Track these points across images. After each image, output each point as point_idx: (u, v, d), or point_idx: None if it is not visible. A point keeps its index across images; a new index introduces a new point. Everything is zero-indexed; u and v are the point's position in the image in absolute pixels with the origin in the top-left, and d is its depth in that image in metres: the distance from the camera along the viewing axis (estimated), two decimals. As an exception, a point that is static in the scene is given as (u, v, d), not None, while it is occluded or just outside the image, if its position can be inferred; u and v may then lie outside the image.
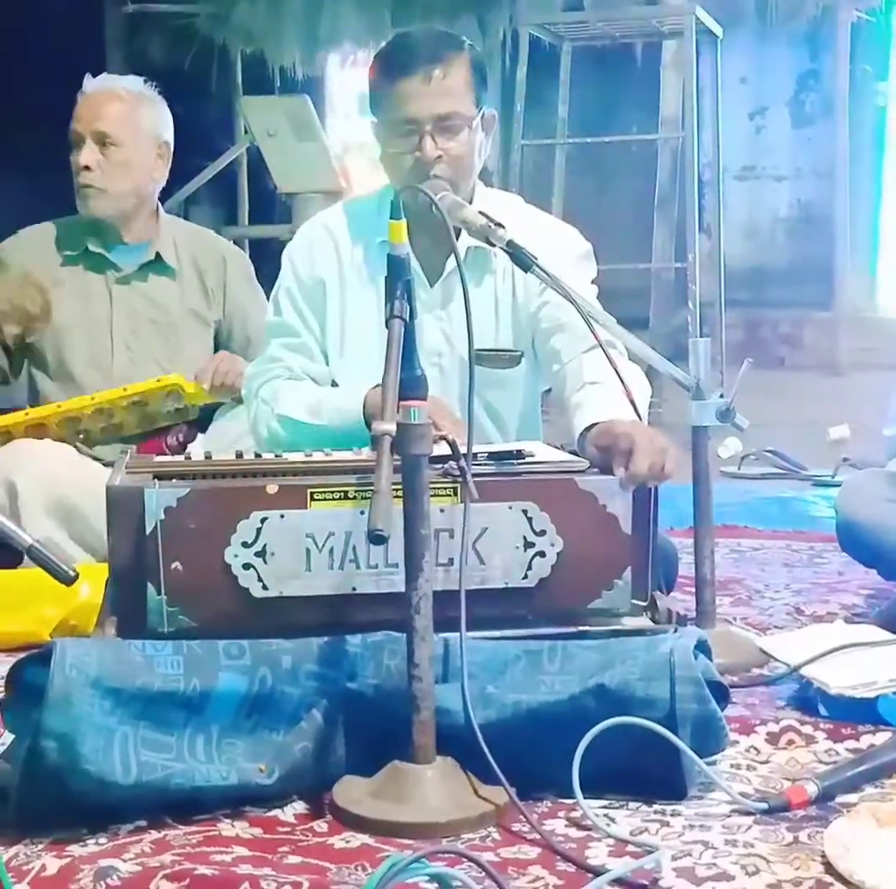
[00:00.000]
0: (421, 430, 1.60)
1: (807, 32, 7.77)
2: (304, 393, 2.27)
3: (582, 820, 1.61)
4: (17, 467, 2.62)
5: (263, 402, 2.29)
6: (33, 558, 1.64)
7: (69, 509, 2.61)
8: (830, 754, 1.82)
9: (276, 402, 2.27)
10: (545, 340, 2.30)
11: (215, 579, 1.69)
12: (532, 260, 2.03)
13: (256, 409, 2.32)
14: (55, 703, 1.53)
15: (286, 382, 2.30)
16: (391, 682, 1.65)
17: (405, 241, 1.68)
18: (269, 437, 2.27)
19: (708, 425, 2.18)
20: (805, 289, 8.07)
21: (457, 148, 2.20)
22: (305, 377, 2.32)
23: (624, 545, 1.80)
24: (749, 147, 8.75)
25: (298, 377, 2.31)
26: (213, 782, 1.60)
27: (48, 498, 2.60)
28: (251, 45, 7.76)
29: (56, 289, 2.88)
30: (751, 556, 3.11)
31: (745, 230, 8.71)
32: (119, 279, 2.91)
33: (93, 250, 2.89)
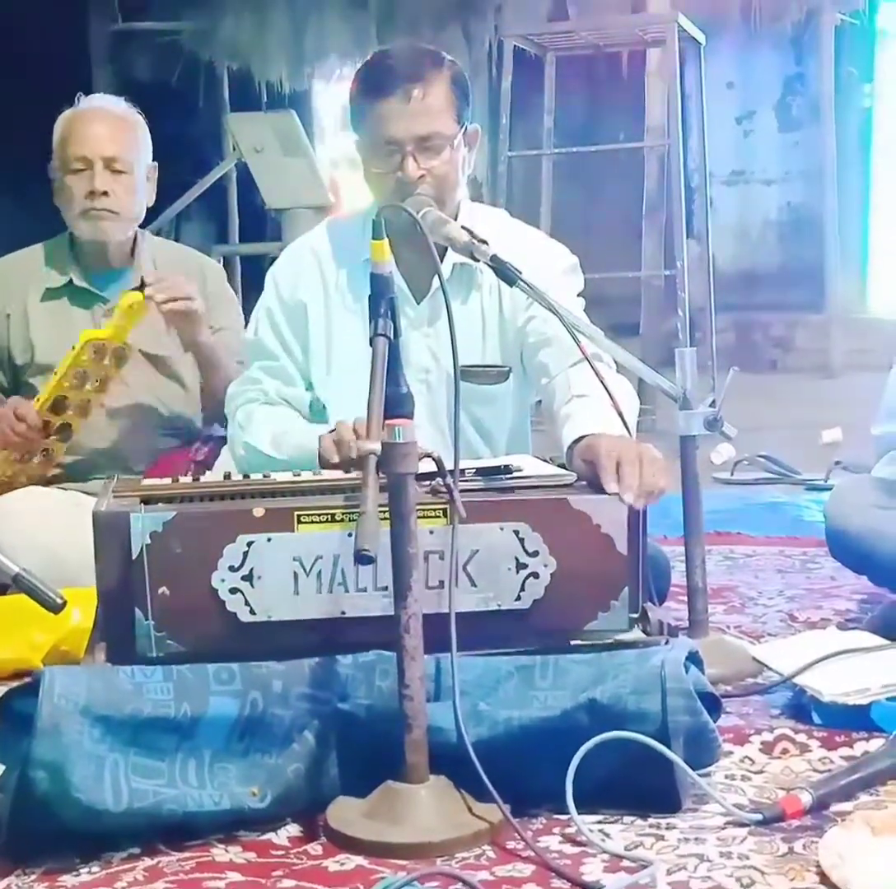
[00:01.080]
0: (406, 449, 1.60)
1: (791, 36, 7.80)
2: (272, 423, 2.27)
3: (576, 836, 1.60)
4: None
5: (239, 425, 2.31)
6: (20, 587, 1.64)
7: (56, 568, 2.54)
8: (825, 762, 1.81)
9: (246, 428, 2.28)
10: (533, 355, 2.30)
11: (203, 604, 1.68)
12: (516, 274, 2.03)
13: (233, 430, 2.34)
14: (44, 732, 1.53)
15: (260, 408, 2.31)
16: (383, 702, 1.65)
17: (388, 259, 1.69)
18: (239, 460, 2.29)
19: (696, 434, 2.18)
20: (796, 291, 8.09)
21: (439, 167, 2.20)
22: (281, 402, 2.33)
23: (620, 565, 1.79)
24: (737, 151, 8.77)
25: (273, 401, 2.32)
26: (206, 807, 1.59)
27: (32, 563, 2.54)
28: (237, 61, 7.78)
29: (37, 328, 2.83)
30: (744, 563, 3.11)
31: (735, 234, 8.73)
32: (107, 312, 2.84)
33: (77, 285, 2.84)
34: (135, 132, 2.82)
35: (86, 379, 2.71)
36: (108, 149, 2.75)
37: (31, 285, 2.86)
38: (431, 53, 2.25)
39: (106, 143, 2.76)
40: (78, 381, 2.70)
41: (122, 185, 2.77)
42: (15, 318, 2.85)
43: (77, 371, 2.69)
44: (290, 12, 7.65)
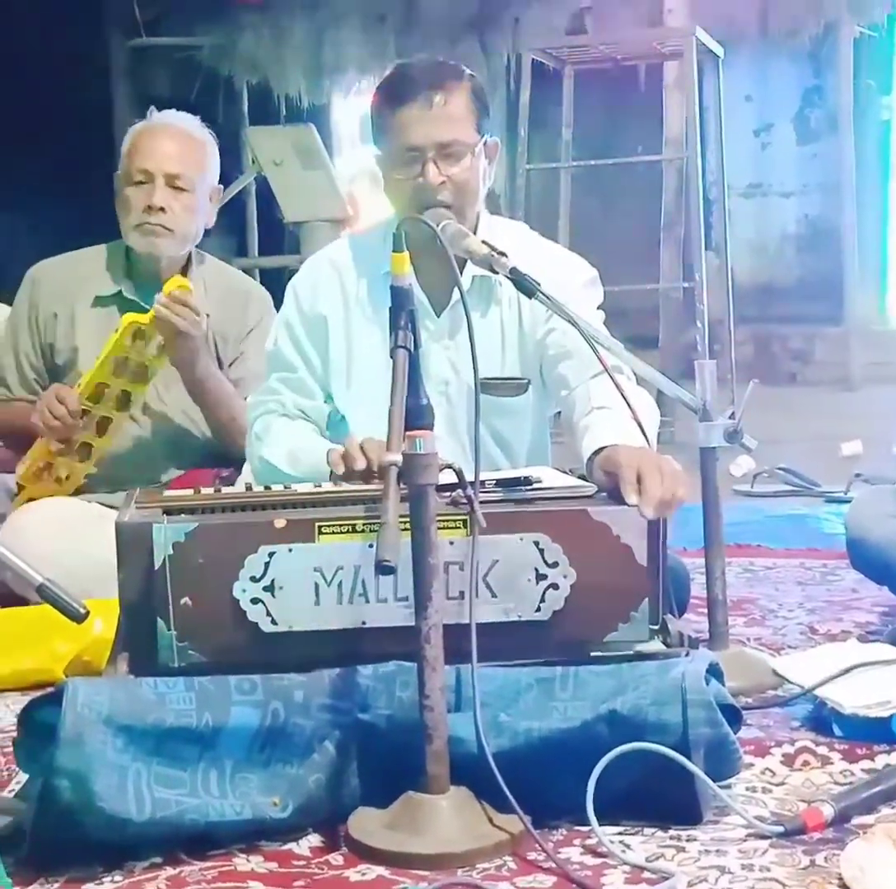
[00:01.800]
0: (427, 460, 1.61)
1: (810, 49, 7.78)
2: (289, 439, 2.27)
3: (597, 847, 1.60)
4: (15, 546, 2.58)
5: (256, 436, 2.32)
6: (44, 597, 1.65)
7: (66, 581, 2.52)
8: (846, 775, 1.81)
9: (263, 442, 2.29)
10: (553, 367, 2.30)
11: (224, 614, 1.69)
12: (535, 286, 2.04)
13: (251, 441, 2.35)
14: (67, 741, 1.54)
15: (278, 420, 2.32)
16: (403, 712, 1.65)
17: (408, 272, 1.69)
18: (257, 473, 2.30)
19: (716, 446, 2.18)
20: (815, 304, 8.07)
21: (460, 173, 2.21)
22: (299, 414, 2.34)
23: (640, 576, 1.78)
24: (755, 164, 8.76)
25: (291, 414, 2.33)
26: (228, 817, 1.60)
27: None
28: (256, 75, 7.83)
29: (82, 333, 2.84)
30: (764, 575, 3.10)
31: (753, 247, 8.71)
32: None
33: (127, 296, 2.84)
34: (203, 151, 2.83)
35: (126, 367, 2.70)
36: (171, 165, 2.76)
37: (83, 289, 2.87)
38: (451, 65, 2.28)
39: (171, 159, 2.76)
40: (119, 369, 2.69)
41: (181, 202, 2.77)
42: (62, 319, 2.86)
43: (118, 357, 2.68)
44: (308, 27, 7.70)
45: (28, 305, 2.89)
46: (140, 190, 2.76)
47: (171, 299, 2.64)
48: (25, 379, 2.90)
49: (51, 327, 2.86)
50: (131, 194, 2.76)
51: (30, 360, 2.90)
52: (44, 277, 2.91)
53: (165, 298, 2.65)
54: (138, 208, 2.75)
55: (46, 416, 2.67)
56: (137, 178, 2.76)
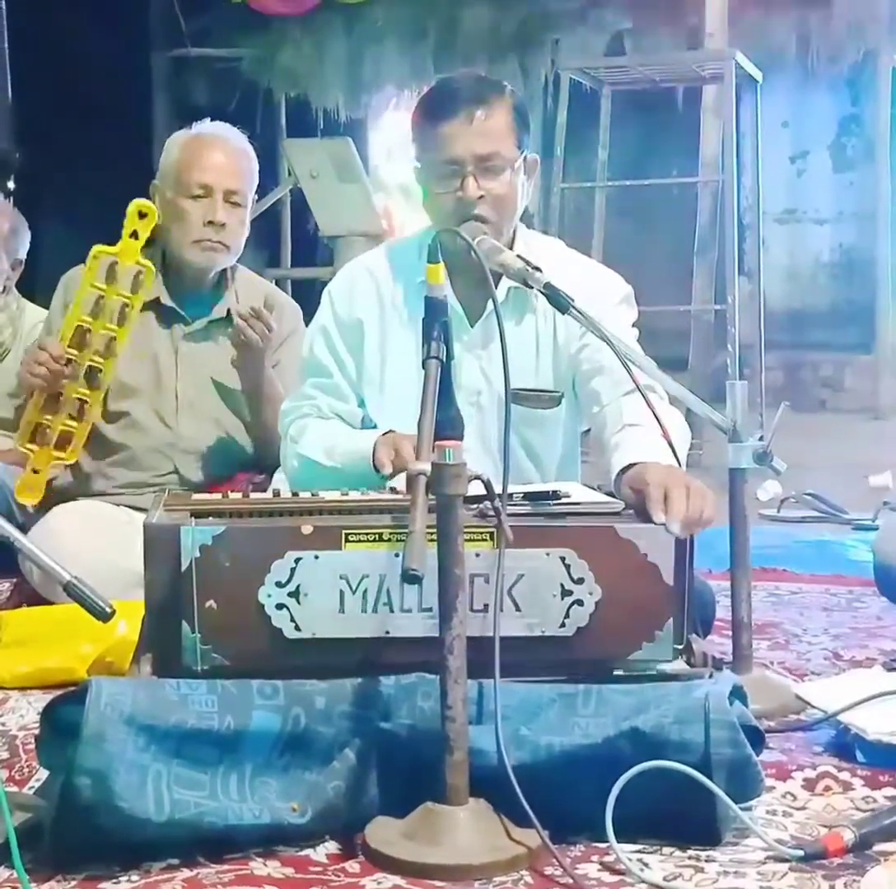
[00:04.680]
0: (456, 470, 1.61)
1: (848, 77, 7.78)
2: (325, 433, 2.29)
3: (615, 864, 1.59)
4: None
5: (292, 439, 2.34)
6: (71, 594, 1.66)
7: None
8: (868, 801, 1.79)
9: (299, 441, 2.30)
10: (585, 382, 2.30)
11: (249, 618, 1.69)
12: (569, 302, 2.04)
13: (285, 445, 2.36)
14: (89, 739, 1.54)
15: (313, 421, 2.33)
16: (425, 723, 1.65)
17: (443, 282, 1.70)
18: (292, 473, 2.31)
19: (745, 468, 2.17)
20: (846, 332, 8.04)
21: (498, 188, 2.22)
22: (334, 416, 2.34)
23: (665, 595, 1.78)
24: (790, 190, 8.75)
25: (326, 416, 2.34)
26: (246, 821, 1.60)
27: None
28: (295, 88, 7.88)
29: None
30: (789, 600, 3.09)
31: (786, 273, 8.70)
32: (186, 335, 2.89)
33: (164, 303, 2.87)
34: (251, 166, 2.87)
35: (105, 307, 2.66)
36: (230, 181, 2.79)
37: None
38: (494, 81, 2.30)
39: (229, 175, 2.80)
40: (96, 309, 2.65)
41: (236, 218, 2.81)
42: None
43: (93, 295, 2.65)
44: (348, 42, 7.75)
45: (64, 307, 2.90)
46: (199, 204, 2.78)
47: (252, 313, 2.69)
48: None
49: None
50: (189, 208, 2.79)
51: None
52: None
53: (245, 311, 2.69)
54: (198, 223, 2.78)
55: (33, 366, 2.65)
56: (196, 191, 2.78)
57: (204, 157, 2.81)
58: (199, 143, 2.85)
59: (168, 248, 2.86)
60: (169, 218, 2.81)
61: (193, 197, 2.78)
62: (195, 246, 2.80)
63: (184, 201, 2.79)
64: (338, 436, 2.28)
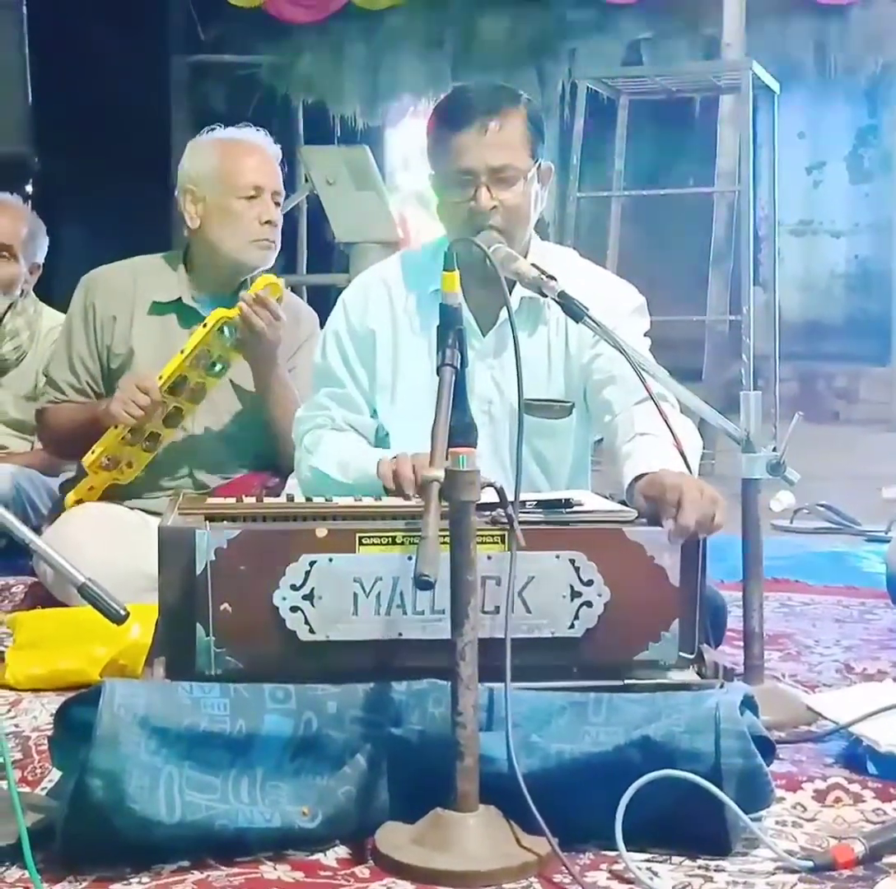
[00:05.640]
0: (469, 477, 1.61)
1: (865, 88, 7.78)
2: (339, 448, 2.29)
3: (624, 873, 1.59)
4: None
5: (306, 449, 2.34)
6: (85, 596, 1.67)
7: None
8: (878, 813, 1.79)
9: (313, 453, 2.31)
10: (597, 392, 2.31)
11: (263, 621, 1.70)
12: (583, 310, 2.05)
13: (299, 454, 2.37)
14: (102, 741, 1.55)
15: (328, 433, 2.34)
16: (435, 728, 1.65)
17: (457, 290, 1.71)
18: (305, 482, 2.32)
19: (758, 478, 2.17)
20: (861, 343, 8.03)
21: (512, 199, 2.22)
22: (348, 428, 2.35)
23: (671, 597, 1.79)
24: (806, 201, 8.75)
25: (341, 428, 2.35)
26: (257, 824, 1.60)
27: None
28: (313, 95, 7.90)
29: (139, 337, 2.89)
30: (801, 611, 3.09)
31: (801, 285, 8.69)
32: None
33: (185, 303, 2.90)
34: (281, 167, 2.93)
35: (206, 360, 2.74)
36: (276, 182, 2.86)
37: (140, 295, 2.91)
38: (509, 90, 2.30)
39: (274, 175, 2.87)
40: (198, 361, 2.73)
41: (280, 217, 2.87)
42: (121, 321, 2.90)
43: (202, 350, 2.72)
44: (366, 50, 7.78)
45: (84, 308, 2.93)
46: (252, 204, 2.83)
47: (256, 300, 2.70)
48: (79, 382, 2.94)
49: (108, 329, 2.90)
50: (242, 208, 2.82)
51: (84, 363, 2.93)
52: (101, 282, 2.95)
53: (250, 297, 2.70)
54: (255, 222, 2.83)
55: (131, 406, 2.69)
56: (249, 193, 2.82)
57: (250, 159, 2.86)
58: (240, 146, 2.89)
59: (209, 250, 2.87)
60: (214, 220, 2.84)
61: (247, 197, 2.83)
62: (253, 245, 2.84)
63: (235, 202, 2.83)
64: (352, 452, 2.27)
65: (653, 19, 7.10)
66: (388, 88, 7.87)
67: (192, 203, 2.85)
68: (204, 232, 2.85)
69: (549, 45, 7.49)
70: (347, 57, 7.76)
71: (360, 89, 7.85)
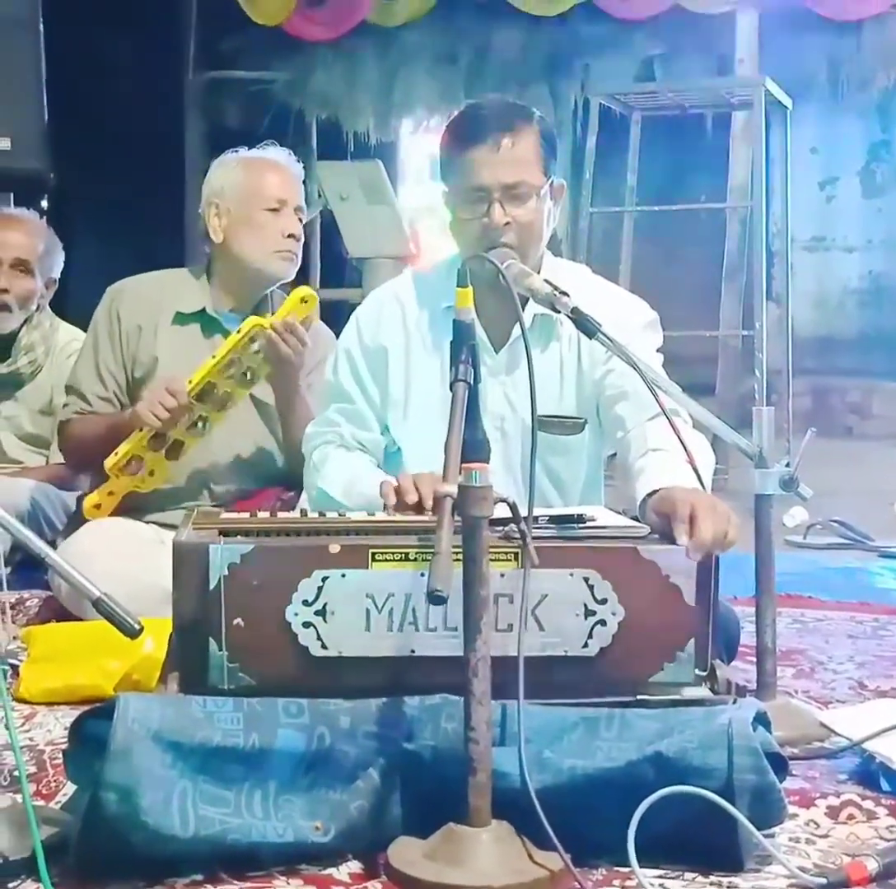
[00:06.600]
0: (482, 493, 1.62)
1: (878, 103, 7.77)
2: (345, 470, 2.31)
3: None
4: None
5: (314, 466, 2.36)
6: (100, 610, 1.68)
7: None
8: (892, 830, 1.78)
9: (320, 472, 2.33)
10: (609, 408, 2.31)
11: (275, 637, 1.70)
12: (596, 327, 2.06)
13: (308, 470, 2.38)
14: (116, 755, 1.56)
15: (336, 451, 2.35)
16: (448, 744, 1.66)
17: (471, 306, 1.71)
18: (312, 500, 2.34)
19: (771, 493, 2.17)
20: (874, 358, 8.02)
21: (524, 215, 2.23)
22: (357, 446, 2.36)
23: (687, 616, 1.78)
24: (819, 217, 8.73)
25: (349, 445, 2.36)
26: (270, 839, 1.61)
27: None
28: (326, 110, 7.92)
29: (163, 347, 2.91)
30: (814, 627, 3.08)
31: (814, 299, 8.68)
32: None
33: (209, 314, 2.92)
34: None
35: (236, 369, 2.76)
36: (299, 198, 2.92)
37: (165, 306, 2.94)
38: (521, 107, 2.31)
39: (297, 192, 2.92)
40: (229, 369, 2.75)
41: (301, 232, 2.91)
42: (146, 330, 2.93)
43: (234, 357, 2.74)
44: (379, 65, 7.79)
45: (109, 318, 2.96)
46: (276, 217, 2.88)
47: (284, 326, 2.72)
48: (106, 390, 2.96)
49: (134, 338, 2.93)
50: (267, 221, 2.87)
51: (111, 372, 2.96)
52: (127, 292, 2.99)
53: (280, 323, 2.72)
54: (278, 235, 2.87)
55: (158, 408, 2.70)
56: (273, 205, 2.87)
57: (274, 174, 2.92)
58: (264, 162, 2.95)
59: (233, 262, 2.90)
60: (239, 231, 2.88)
61: (271, 210, 2.87)
62: (276, 256, 2.88)
63: (259, 214, 2.88)
64: (357, 476, 2.28)
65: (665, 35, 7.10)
66: (401, 104, 7.88)
67: (217, 216, 2.90)
68: (228, 244, 2.89)
69: (562, 61, 7.50)
70: (361, 73, 7.78)
71: (373, 105, 7.86)
